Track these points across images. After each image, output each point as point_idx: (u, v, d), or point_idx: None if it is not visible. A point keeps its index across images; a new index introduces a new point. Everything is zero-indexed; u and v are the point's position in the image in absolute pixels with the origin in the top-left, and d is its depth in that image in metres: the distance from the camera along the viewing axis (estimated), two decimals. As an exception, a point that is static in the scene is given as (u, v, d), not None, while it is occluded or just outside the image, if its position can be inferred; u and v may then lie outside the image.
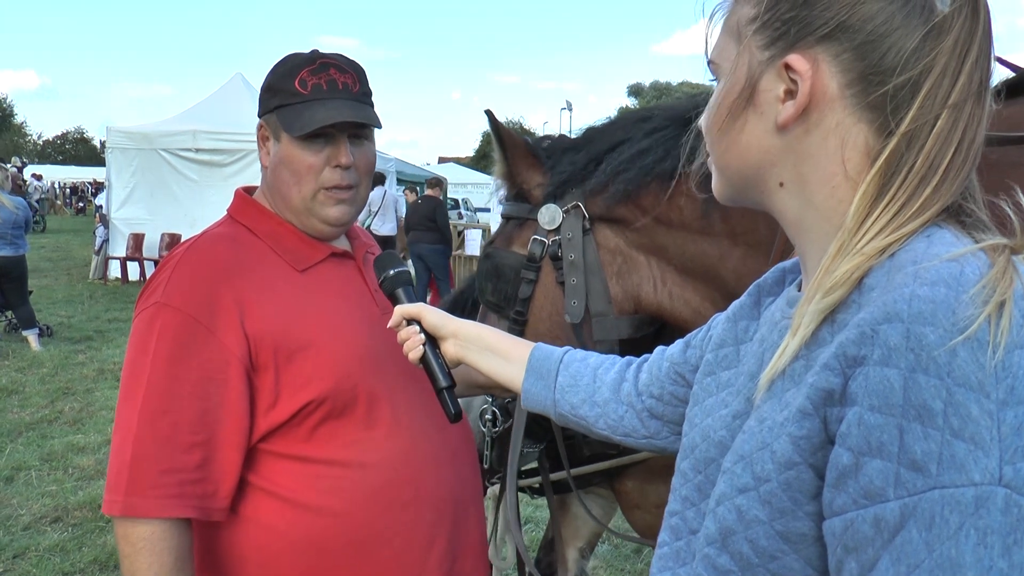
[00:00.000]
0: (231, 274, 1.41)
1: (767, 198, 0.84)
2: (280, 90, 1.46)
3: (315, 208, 1.49)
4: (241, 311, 1.38)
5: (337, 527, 1.41)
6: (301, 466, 1.41)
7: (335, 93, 1.46)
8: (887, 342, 0.64)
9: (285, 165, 1.47)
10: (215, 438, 1.36)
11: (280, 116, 1.46)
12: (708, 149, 0.88)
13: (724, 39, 0.84)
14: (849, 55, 0.75)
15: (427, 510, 1.48)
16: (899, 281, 0.67)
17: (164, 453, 1.32)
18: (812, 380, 0.70)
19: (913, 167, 0.72)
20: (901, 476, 0.62)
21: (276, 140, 1.48)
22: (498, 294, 1.81)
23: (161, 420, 1.32)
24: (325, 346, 1.42)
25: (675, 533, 0.90)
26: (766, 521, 0.73)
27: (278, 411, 1.40)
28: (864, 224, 0.73)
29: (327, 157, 1.47)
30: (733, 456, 0.78)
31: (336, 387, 1.41)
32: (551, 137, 1.91)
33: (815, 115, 0.77)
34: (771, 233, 1.54)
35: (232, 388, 1.37)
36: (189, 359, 1.35)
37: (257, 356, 1.39)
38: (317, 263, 1.52)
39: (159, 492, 1.31)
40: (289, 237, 1.51)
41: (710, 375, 0.96)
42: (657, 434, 1.14)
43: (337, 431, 1.42)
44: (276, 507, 1.41)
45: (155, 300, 1.38)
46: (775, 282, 0.98)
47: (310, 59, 1.48)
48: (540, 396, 1.23)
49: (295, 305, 1.44)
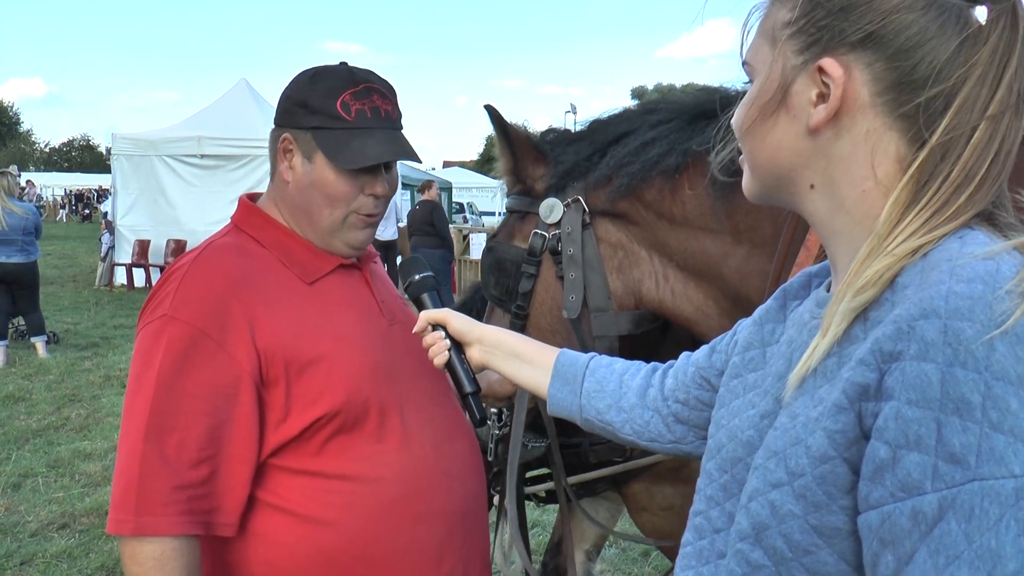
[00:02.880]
0: (240, 286, 1.38)
1: (798, 199, 0.85)
2: (320, 111, 1.42)
3: (343, 232, 1.48)
4: (251, 325, 1.35)
5: (347, 543, 1.39)
6: (311, 481, 1.39)
7: (379, 122, 1.44)
8: (924, 337, 0.65)
9: (318, 188, 1.44)
10: (222, 453, 1.33)
11: (320, 139, 1.42)
12: (740, 147, 0.89)
13: (759, 41, 0.85)
14: (881, 64, 0.76)
15: (438, 525, 1.46)
16: (935, 278, 0.68)
17: (173, 470, 1.29)
18: (847, 375, 0.71)
19: (949, 176, 0.73)
20: (939, 469, 0.63)
21: (308, 160, 1.44)
22: (500, 288, 1.82)
23: (168, 437, 1.30)
24: (336, 360, 1.40)
25: (699, 532, 0.92)
26: (800, 515, 0.73)
27: (288, 426, 1.38)
28: (896, 229, 0.74)
29: (363, 185, 1.45)
30: (765, 452, 0.79)
31: (348, 401, 1.39)
32: (555, 130, 1.89)
33: (846, 120, 0.78)
34: (775, 232, 1.53)
35: (242, 404, 1.34)
36: (197, 374, 1.32)
37: (268, 371, 1.36)
38: (325, 275, 1.49)
39: (171, 510, 1.29)
40: (297, 249, 1.49)
41: (736, 377, 0.97)
42: (683, 439, 1.15)
43: (348, 445, 1.40)
44: (285, 523, 1.39)
45: (162, 312, 1.35)
46: (801, 286, 0.99)
47: (352, 80, 1.45)
48: (566, 401, 1.25)
49: (305, 318, 1.42)
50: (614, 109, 1.83)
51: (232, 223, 1.54)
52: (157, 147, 12.87)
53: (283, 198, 1.51)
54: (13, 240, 7.94)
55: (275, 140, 1.49)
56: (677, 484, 2.11)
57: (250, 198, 1.58)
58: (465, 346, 1.36)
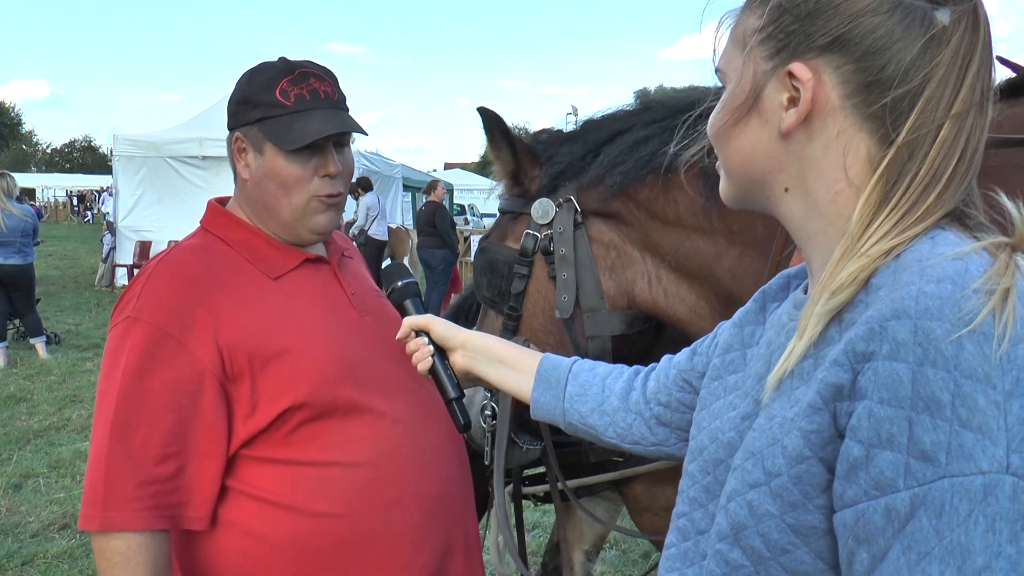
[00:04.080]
0: (203, 285, 1.41)
1: (773, 203, 0.87)
2: (260, 103, 1.46)
3: (305, 218, 1.50)
4: (214, 322, 1.38)
5: (321, 528, 1.41)
6: (283, 468, 1.42)
7: (318, 103, 1.47)
8: (895, 337, 0.66)
9: (272, 178, 1.47)
10: (188, 449, 1.36)
11: (264, 129, 1.46)
12: (716, 153, 0.90)
13: (730, 48, 0.87)
14: (850, 67, 0.77)
15: (414, 510, 1.47)
16: (906, 279, 0.69)
17: (138, 466, 1.33)
18: (822, 376, 0.72)
19: (917, 175, 0.74)
20: (911, 467, 0.64)
21: (258, 152, 1.48)
22: (492, 288, 1.81)
23: (134, 434, 1.33)
24: (302, 352, 1.43)
25: (683, 534, 0.92)
26: (777, 515, 0.75)
27: (257, 418, 1.40)
28: (868, 229, 0.75)
29: (315, 167, 1.48)
30: (743, 453, 0.80)
31: (314, 392, 1.41)
32: (549, 130, 1.89)
33: (817, 123, 0.79)
34: (769, 233, 1.52)
35: (205, 400, 1.37)
36: (160, 373, 1.35)
37: (231, 366, 1.39)
38: (291, 270, 1.52)
39: (136, 505, 1.32)
40: (262, 246, 1.52)
41: (717, 379, 0.98)
42: (665, 441, 1.16)
43: (318, 433, 1.43)
44: (258, 510, 1.41)
45: (127, 314, 1.39)
46: (780, 288, 1.01)
47: (287, 69, 1.48)
48: (549, 406, 1.26)
49: (270, 313, 1.44)
50: (609, 108, 1.82)
51: (200, 226, 1.57)
52: (159, 148, 12.89)
53: (245, 197, 1.55)
54: (11, 242, 7.95)
55: (230, 144, 1.53)
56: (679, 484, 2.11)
57: (219, 202, 1.62)
58: (448, 351, 1.36)
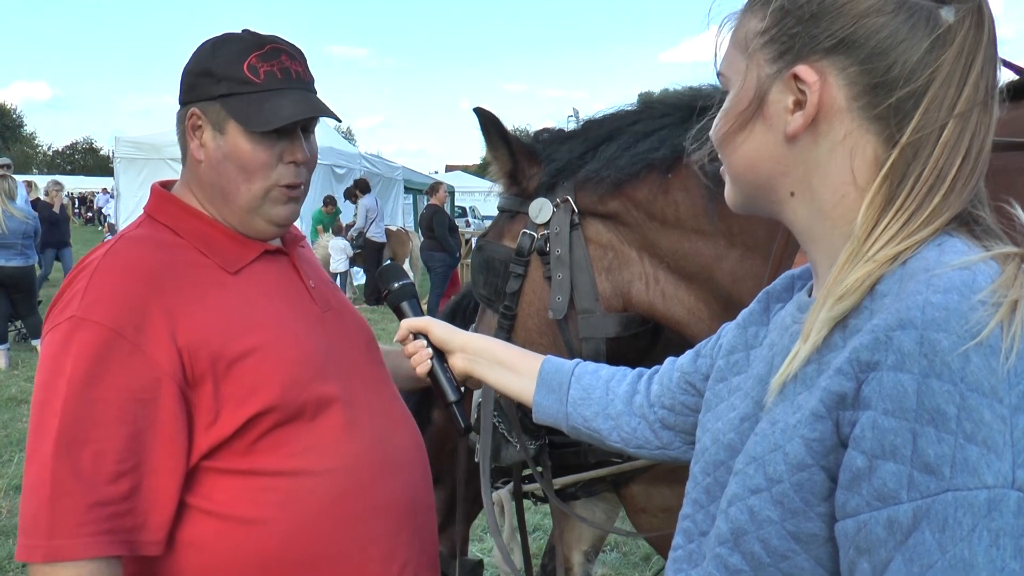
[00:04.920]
0: (156, 280, 1.27)
1: (779, 207, 0.86)
2: (226, 77, 1.32)
3: (263, 208, 1.37)
4: (171, 321, 1.24)
5: (285, 544, 1.29)
6: (245, 480, 1.29)
7: (290, 83, 1.35)
8: (901, 348, 0.65)
9: (232, 161, 1.33)
10: (144, 464, 1.22)
11: (229, 106, 1.32)
12: (720, 159, 0.90)
13: (732, 52, 0.86)
14: (855, 68, 0.76)
15: (384, 521, 1.37)
16: (912, 288, 0.68)
17: (88, 486, 1.17)
18: (825, 384, 0.72)
19: (920, 176, 0.73)
20: (914, 479, 0.64)
21: (219, 132, 1.33)
22: (488, 287, 1.81)
23: (82, 450, 1.17)
24: (268, 352, 1.30)
25: (687, 536, 0.92)
26: (778, 521, 0.74)
27: (220, 426, 1.27)
28: (873, 233, 0.74)
29: (281, 153, 1.35)
30: (745, 458, 0.80)
31: (283, 396, 1.29)
32: (550, 130, 1.87)
33: (823, 126, 0.79)
34: (770, 235, 1.51)
35: (163, 408, 1.23)
36: (112, 380, 1.20)
37: (192, 370, 1.25)
38: (250, 263, 1.38)
39: (86, 530, 1.16)
40: (217, 236, 1.38)
41: (721, 381, 0.98)
42: (670, 444, 1.16)
43: (284, 440, 1.30)
44: (218, 527, 1.28)
45: (71, 314, 1.22)
46: (784, 288, 1.00)
47: (257, 43, 1.35)
48: (552, 409, 1.25)
49: (230, 310, 1.31)
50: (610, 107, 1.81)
51: (145, 213, 1.41)
52: (160, 150, 12.90)
53: (196, 181, 1.39)
54: (13, 244, 7.95)
55: (181, 120, 1.38)
56: (675, 485, 2.11)
57: (163, 185, 1.46)
58: (447, 354, 1.35)
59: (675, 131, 1.62)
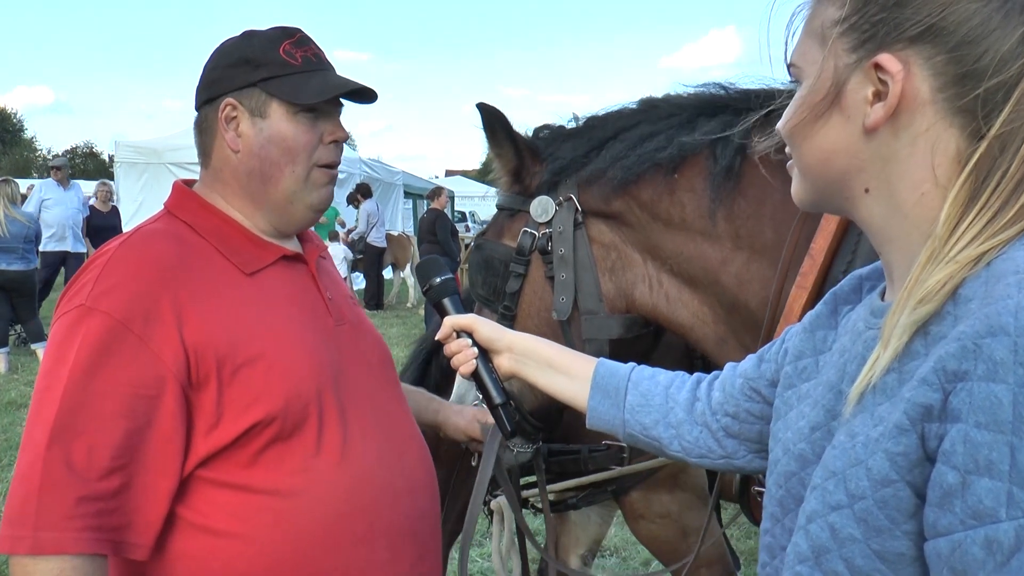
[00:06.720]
0: (169, 275, 1.25)
1: (851, 205, 0.82)
2: (266, 62, 1.33)
3: (303, 192, 1.37)
4: (180, 318, 1.22)
5: (281, 566, 1.25)
6: (239, 496, 1.25)
7: (323, 65, 1.39)
8: (992, 356, 0.62)
9: (276, 143, 1.33)
10: (138, 462, 1.19)
11: (272, 88, 1.33)
12: (790, 152, 0.86)
13: (806, 41, 0.82)
14: (942, 58, 0.73)
15: (383, 547, 1.32)
16: (1001, 292, 0.65)
17: (79, 479, 1.14)
18: (909, 395, 0.68)
19: (1008, 171, 0.70)
20: (1014, 496, 0.60)
21: (259, 116, 1.34)
22: (487, 287, 1.78)
23: (77, 442, 1.15)
24: (275, 360, 1.27)
25: (770, 552, 0.89)
26: (861, 540, 0.71)
27: (220, 432, 1.24)
28: (956, 232, 0.71)
29: (322, 132, 1.37)
30: (824, 472, 0.76)
31: (286, 406, 1.26)
32: (550, 126, 1.84)
33: (905, 118, 0.75)
34: (777, 238, 1.49)
35: (164, 407, 1.20)
36: (115, 372, 1.18)
37: (197, 370, 1.22)
38: (267, 266, 1.36)
39: (75, 524, 1.13)
40: (236, 236, 1.36)
41: (790, 388, 0.95)
42: (734, 454, 1.11)
43: (285, 456, 1.27)
44: (210, 544, 1.24)
45: (79, 303, 1.21)
46: (852, 290, 0.96)
47: (287, 32, 1.38)
48: (608, 416, 1.19)
49: (242, 312, 1.28)
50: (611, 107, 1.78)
51: (165, 208, 1.40)
52: (161, 155, 12.93)
53: (222, 180, 1.38)
54: (14, 248, 7.95)
55: (209, 117, 1.37)
56: (674, 491, 2.11)
57: (186, 183, 1.45)
58: (493, 354, 1.29)
59: (681, 131, 1.59)
